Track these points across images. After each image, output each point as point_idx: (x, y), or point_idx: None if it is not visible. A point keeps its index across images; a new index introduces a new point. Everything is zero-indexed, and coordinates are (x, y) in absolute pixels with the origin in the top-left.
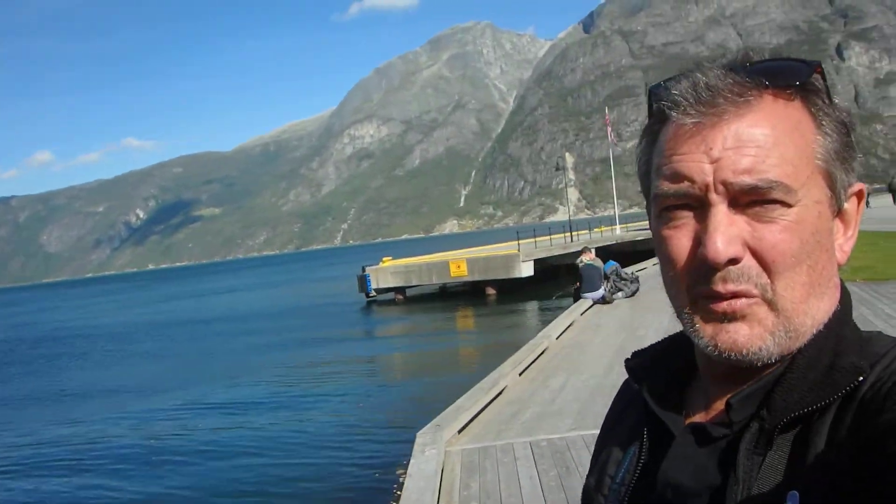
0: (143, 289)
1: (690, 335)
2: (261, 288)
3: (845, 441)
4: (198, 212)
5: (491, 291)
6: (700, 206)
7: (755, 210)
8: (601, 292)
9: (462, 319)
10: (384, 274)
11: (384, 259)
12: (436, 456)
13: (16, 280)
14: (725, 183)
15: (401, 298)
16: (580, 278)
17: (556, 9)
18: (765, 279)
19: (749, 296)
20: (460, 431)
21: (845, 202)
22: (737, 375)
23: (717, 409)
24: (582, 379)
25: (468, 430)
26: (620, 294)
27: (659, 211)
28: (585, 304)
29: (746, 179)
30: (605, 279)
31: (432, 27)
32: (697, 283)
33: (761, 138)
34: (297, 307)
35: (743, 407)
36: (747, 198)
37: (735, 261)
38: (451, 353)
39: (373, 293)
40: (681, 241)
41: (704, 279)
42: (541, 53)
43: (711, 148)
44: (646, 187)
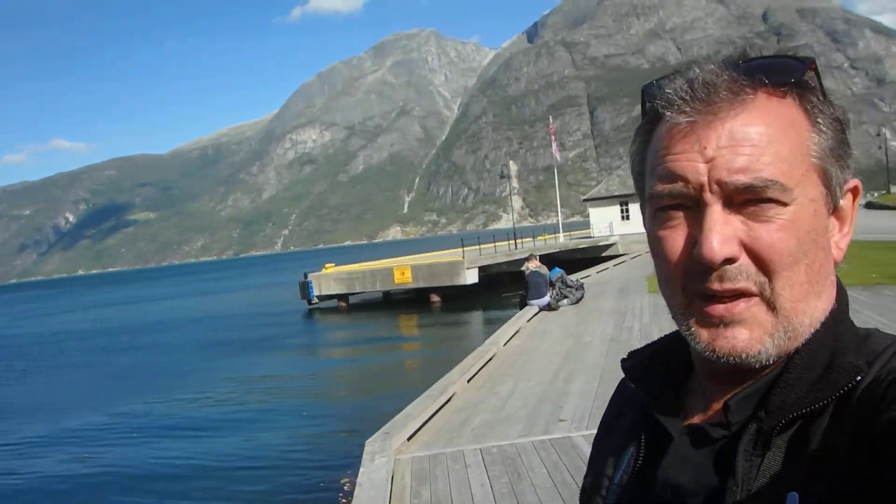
0: (71, 295)
1: (687, 337)
2: (197, 295)
3: (844, 441)
4: (131, 216)
5: (435, 298)
6: (695, 206)
7: (751, 209)
8: (547, 299)
9: (407, 326)
10: (327, 280)
11: (327, 265)
12: (385, 464)
13: None
14: (720, 182)
15: (344, 305)
16: (526, 286)
17: (501, 18)
18: (762, 278)
19: (748, 294)
20: (409, 439)
21: (841, 199)
22: (734, 375)
23: (715, 410)
24: (530, 385)
25: (417, 438)
26: (566, 301)
27: (654, 211)
28: (531, 311)
29: (741, 178)
30: (551, 286)
31: (377, 33)
32: (693, 283)
33: (756, 137)
34: (236, 315)
35: (741, 408)
36: (742, 197)
37: (731, 260)
38: (397, 361)
39: (315, 300)
40: (676, 242)
41: (700, 279)
42: (485, 62)
43: (706, 147)
44: (640, 187)
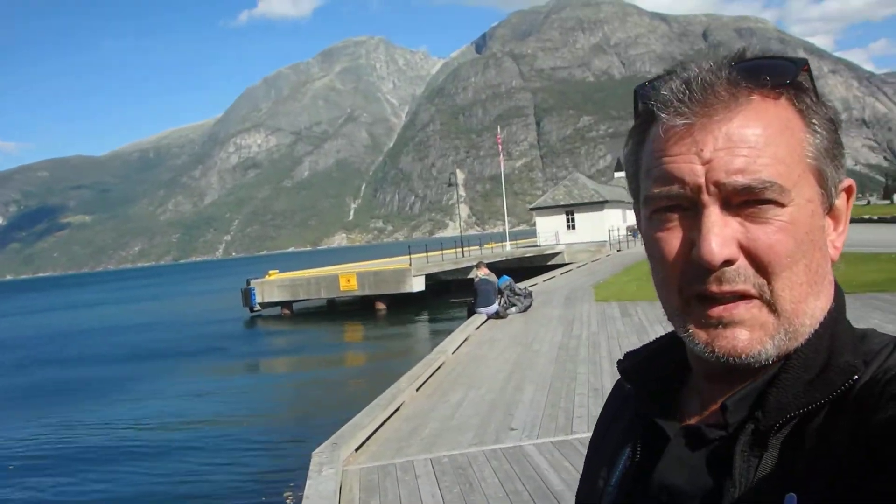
0: None
1: (685, 338)
2: (134, 301)
3: (841, 441)
4: (65, 219)
5: (381, 306)
6: (692, 208)
7: (748, 211)
8: (495, 307)
9: (352, 334)
10: (270, 287)
11: (270, 272)
12: (334, 476)
13: None
14: (718, 184)
15: (287, 313)
16: (475, 293)
17: (450, 29)
18: (761, 280)
19: (747, 296)
20: (358, 450)
21: (836, 199)
22: (731, 376)
23: (712, 411)
24: (480, 393)
25: (366, 448)
26: (514, 309)
27: (650, 213)
28: (480, 319)
29: (740, 179)
30: (500, 294)
31: (325, 39)
32: (691, 285)
33: (753, 138)
34: (175, 322)
35: (738, 408)
36: (740, 198)
37: (730, 262)
38: (343, 370)
39: (258, 307)
40: (673, 244)
41: (698, 280)
42: (433, 70)
43: (702, 149)
44: (634, 189)
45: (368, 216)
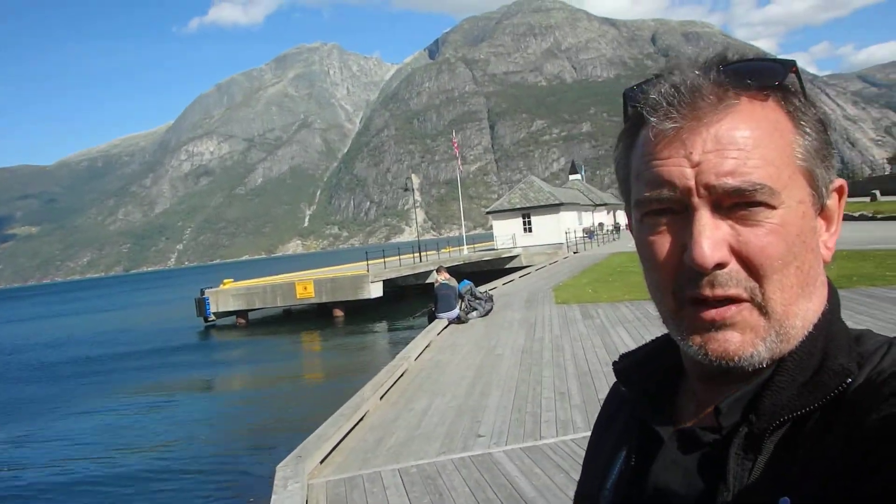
0: None
1: (679, 341)
2: (82, 313)
3: (835, 443)
4: (10, 230)
5: (339, 313)
6: (683, 211)
7: (739, 213)
8: (456, 312)
9: (311, 343)
10: (225, 296)
11: (225, 281)
12: (299, 490)
13: None
14: (708, 186)
15: (242, 322)
16: (435, 298)
17: (402, 35)
18: (753, 283)
19: (739, 300)
20: (323, 461)
21: (827, 199)
22: (725, 379)
23: (706, 413)
24: (445, 400)
25: (331, 460)
26: (475, 313)
27: (641, 216)
28: (441, 324)
29: (730, 182)
30: (460, 299)
31: (277, 46)
32: (684, 287)
33: (742, 140)
34: (127, 334)
35: (732, 411)
36: (730, 200)
37: (722, 265)
38: (303, 379)
39: (212, 317)
40: (665, 247)
41: (691, 284)
42: (387, 76)
43: (692, 152)
44: (625, 192)
45: (324, 222)
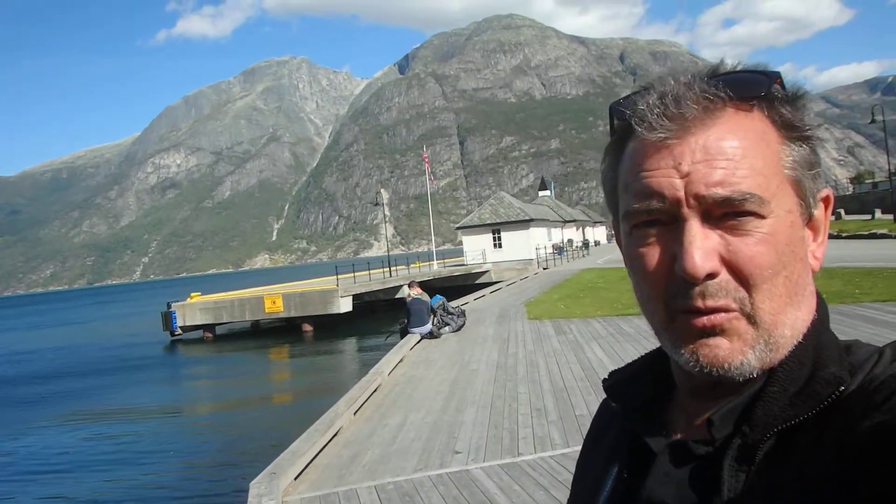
0: None
1: (670, 352)
2: (43, 326)
3: (829, 452)
4: None
5: (308, 328)
6: (672, 222)
7: (729, 223)
8: (429, 327)
9: (280, 357)
10: (192, 310)
11: (193, 294)
12: None
13: None
14: (698, 196)
15: (210, 336)
16: (408, 313)
17: (372, 49)
18: (742, 293)
19: (728, 310)
20: (297, 478)
21: (814, 209)
22: (717, 391)
23: (698, 426)
24: (421, 416)
25: (305, 477)
26: (448, 328)
27: (629, 228)
28: (414, 339)
29: (720, 192)
30: (433, 314)
31: (246, 59)
32: (676, 299)
33: (730, 150)
34: (88, 347)
35: (724, 423)
36: (720, 210)
37: (713, 275)
38: (273, 395)
39: (178, 331)
40: (655, 258)
41: (682, 295)
42: (357, 91)
43: (680, 163)
44: (612, 204)
45: (292, 237)
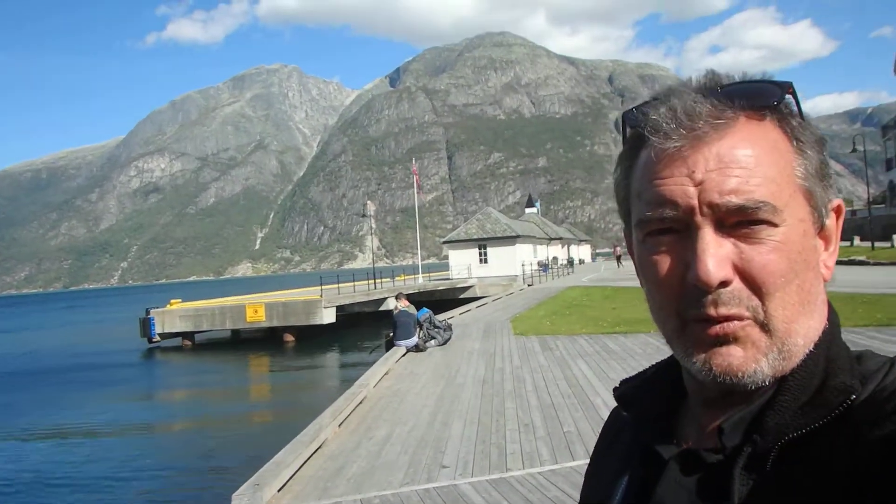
0: None
1: (682, 360)
2: (14, 330)
3: (840, 461)
4: None
5: (290, 338)
6: (685, 230)
7: (742, 231)
8: (415, 339)
9: (260, 368)
10: (171, 317)
11: (172, 301)
12: None
13: None
14: (711, 205)
15: (188, 344)
16: (394, 325)
17: (363, 61)
18: (755, 301)
19: (741, 318)
20: (280, 490)
21: (826, 219)
22: (728, 399)
23: (709, 434)
24: (407, 429)
25: (289, 489)
26: (433, 342)
27: (642, 236)
28: (399, 352)
29: (734, 200)
30: (419, 327)
31: (236, 66)
32: (688, 308)
33: (744, 159)
34: (61, 353)
35: (735, 431)
36: (734, 218)
37: (726, 283)
38: (253, 405)
39: (157, 338)
40: (667, 267)
41: (695, 303)
42: (347, 102)
43: (694, 171)
44: (625, 213)
45: (275, 246)
